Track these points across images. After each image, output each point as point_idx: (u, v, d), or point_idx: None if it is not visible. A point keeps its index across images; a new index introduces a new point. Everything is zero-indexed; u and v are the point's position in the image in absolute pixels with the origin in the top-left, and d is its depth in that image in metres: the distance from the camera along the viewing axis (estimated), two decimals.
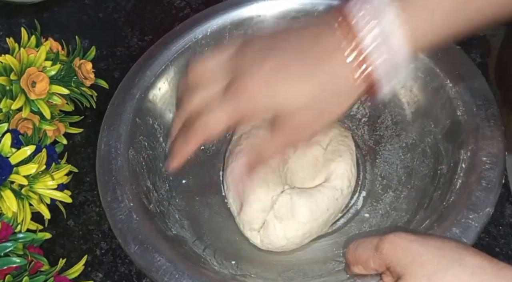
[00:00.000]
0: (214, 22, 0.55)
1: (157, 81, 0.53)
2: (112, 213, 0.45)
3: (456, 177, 0.44)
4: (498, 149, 0.43)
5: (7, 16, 0.69)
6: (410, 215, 0.47)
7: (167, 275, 0.41)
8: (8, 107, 0.50)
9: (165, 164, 0.48)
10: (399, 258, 0.35)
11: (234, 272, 0.45)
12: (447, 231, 0.40)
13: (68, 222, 0.52)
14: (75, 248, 0.51)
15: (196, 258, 0.45)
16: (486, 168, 0.43)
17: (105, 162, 0.48)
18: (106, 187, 0.46)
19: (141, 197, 0.47)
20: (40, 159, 0.46)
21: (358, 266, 0.39)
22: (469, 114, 0.46)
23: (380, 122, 0.55)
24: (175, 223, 0.48)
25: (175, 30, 0.55)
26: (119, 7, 0.69)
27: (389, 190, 0.51)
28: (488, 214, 0.41)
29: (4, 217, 0.44)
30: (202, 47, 0.55)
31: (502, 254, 0.47)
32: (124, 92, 0.52)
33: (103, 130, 0.50)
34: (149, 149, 0.51)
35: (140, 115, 0.51)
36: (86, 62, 0.56)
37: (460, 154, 0.45)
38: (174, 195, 0.51)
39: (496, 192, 0.42)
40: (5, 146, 0.46)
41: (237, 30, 0.56)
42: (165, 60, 0.54)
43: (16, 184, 0.45)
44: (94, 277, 0.49)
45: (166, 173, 0.52)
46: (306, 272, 0.47)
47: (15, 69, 0.51)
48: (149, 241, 0.43)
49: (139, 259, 0.43)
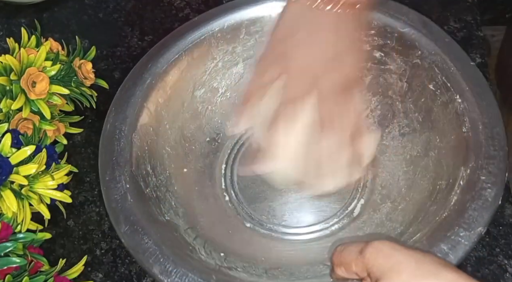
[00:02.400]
0: (232, 17, 0.56)
1: (169, 69, 0.54)
2: (108, 192, 0.46)
3: (453, 193, 0.43)
4: (498, 169, 0.42)
5: (7, 16, 0.70)
6: (404, 227, 0.47)
7: (152, 257, 0.42)
8: (8, 107, 0.50)
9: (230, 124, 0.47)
10: (379, 263, 0.35)
11: (220, 264, 0.46)
12: (435, 246, 0.40)
13: (68, 222, 0.53)
14: (75, 248, 0.51)
15: (185, 245, 0.46)
16: (483, 187, 0.42)
17: (108, 142, 0.49)
18: (106, 166, 0.47)
19: (139, 180, 0.48)
20: (40, 159, 0.47)
21: (341, 268, 0.39)
22: (474, 131, 0.45)
23: (388, 133, 0.55)
24: (170, 210, 0.49)
25: (192, 21, 0.56)
26: (119, 7, 0.70)
27: (387, 201, 0.51)
28: (479, 233, 0.40)
29: (4, 217, 0.45)
30: (217, 40, 0.56)
31: (502, 254, 0.46)
32: (135, 76, 0.53)
33: (110, 112, 0.51)
34: (154, 135, 0.52)
35: (148, 101, 0.52)
36: (86, 62, 0.56)
37: (460, 171, 0.44)
38: (173, 182, 0.52)
39: (491, 212, 0.41)
40: (5, 146, 0.46)
41: (254, 26, 0.56)
42: (179, 49, 0.54)
43: (16, 184, 0.46)
44: (94, 277, 0.49)
45: (168, 160, 0.53)
46: (293, 272, 0.47)
47: (15, 69, 0.51)
48: (140, 223, 0.44)
49: (128, 239, 0.43)
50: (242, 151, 0.57)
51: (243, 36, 0.56)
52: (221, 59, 0.57)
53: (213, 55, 0.56)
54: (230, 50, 0.57)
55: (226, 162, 0.56)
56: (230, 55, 0.57)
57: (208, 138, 0.57)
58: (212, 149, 0.56)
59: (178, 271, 0.41)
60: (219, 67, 0.57)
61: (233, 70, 0.58)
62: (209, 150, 0.56)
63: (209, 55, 0.56)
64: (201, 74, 0.56)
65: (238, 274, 0.45)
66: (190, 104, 0.56)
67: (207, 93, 0.57)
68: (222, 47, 0.56)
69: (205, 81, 0.57)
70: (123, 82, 0.53)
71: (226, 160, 0.56)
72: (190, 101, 0.56)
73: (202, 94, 0.57)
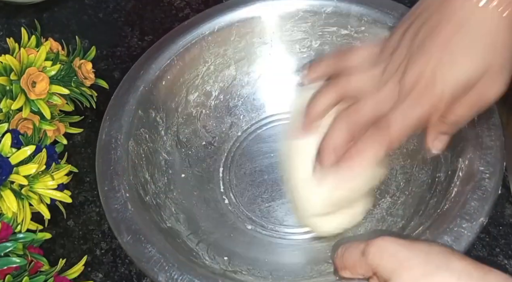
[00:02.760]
0: (222, 19, 0.56)
1: (161, 75, 0.54)
2: (107, 202, 0.45)
3: (452, 185, 0.44)
4: (496, 158, 0.43)
5: (7, 16, 0.70)
6: (405, 221, 0.47)
7: (157, 266, 0.42)
8: (8, 107, 0.50)
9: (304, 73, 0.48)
10: (386, 262, 0.35)
11: (225, 268, 0.45)
12: (439, 238, 0.40)
13: (68, 222, 0.53)
14: (75, 248, 0.51)
15: (188, 251, 0.46)
16: (482, 177, 0.42)
17: (105, 152, 0.48)
18: (104, 176, 0.47)
19: (138, 188, 0.48)
20: (40, 159, 0.47)
21: (346, 271, 0.39)
22: (470, 122, 0.45)
23: None
24: (171, 216, 0.49)
25: (182, 26, 0.56)
26: (119, 7, 0.69)
27: (386, 195, 0.51)
28: (481, 223, 0.40)
29: (4, 217, 0.45)
30: (208, 43, 0.56)
31: (502, 254, 0.46)
32: (128, 84, 0.53)
33: (105, 121, 0.51)
34: (150, 142, 0.52)
35: (142, 108, 0.52)
36: (86, 62, 0.56)
37: (458, 162, 0.45)
38: (172, 188, 0.52)
39: (491, 202, 0.41)
40: (5, 146, 0.46)
41: (244, 28, 0.56)
42: (171, 54, 0.54)
43: (16, 184, 0.46)
44: (94, 277, 0.49)
45: (165, 166, 0.53)
46: (297, 272, 0.47)
47: (15, 69, 0.51)
48: (142, 232, 0.44)
49: (131, 249, 0.43)
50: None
51: (234, 38, 0.56)
52: (213, 62, 0.57)
53: (205, 59, 0.56)
54: (221, 52, 0.57)
55: (223, 165, 0.56)
56: (222, 58, 0.57)
57: (204, 142, 0.57)
58: (209, 153, 0.56)
59: (184, 278, 0.41)
60: (211, 70, 0.57)
61: (226, 72, 0.58)
62: (205, 153, 0.56)
63: (201, 59, 0.56)
64: (193, 78, 0.56)
65: (244, 277, 0.45)
66: (184, 109, 0.56)
67: (201, 97, 0.57)
68: (213, 50, 0.56)
69: (198, 85, 0.57)
70: (116, 91, 0.53)
71: (224, 163, 0.56)
72: (184, 106, 0.56)
73: (196, 98, 0.57)
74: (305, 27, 0.57)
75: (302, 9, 0.56)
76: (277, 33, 0.57)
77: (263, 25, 0.57)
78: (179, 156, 0.54)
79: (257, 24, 0.56)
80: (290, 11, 0.56)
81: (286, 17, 0.56)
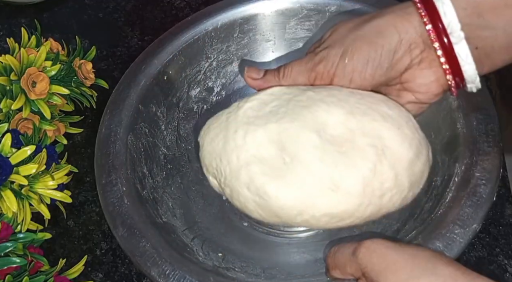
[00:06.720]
0: (225, 16, 0.56)
1: (163, 70, 0.54)
2: (104, 196, 0.46)
3: (448, 190, 0.43)
4: (493, 165, 0.42)
5: (7, 16, 0.70)
6: (400, 224, 0.47)
7: (150, 260, 0.42)
8: (8, 107, 0.50)
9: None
10: (374, 263, 0.35)
11: (218, 264, 0.46)
12: (431, 244, 0.40)
13: (68, 222, 0.53)
14: (75, 248, 0.52)
15: (183, 247, 0.46)
16: (478, 183, 0.42)
17: (104, 145, 0.49)
18: (102, 170, 0.47)
19: (135, 182, 0.48)
20: (40, 159, 0.47)
21: (336, 270, 0.39)
22: (468, 128, 0.45)
23: None
24: (167, 211, 0.49)
25: (186, 21, 0.56)
26: (119, 7, 0.69)
27: None
28: (474, 230, 0.40)
29: (4, 217, 0.45)
30: (211, 39, 0.56)
31: (502, 254, 0.46)
32: (130, 78, 0.53)
33: (105, 114, 0.51)
34: (150, 136, 0.52)
35: (143, 102, 0.52)
36: (86, 62, 0.56)
37: (455, 167, 0.44)
38: (170, 183, 0.52)
39: (486, 209, 0.41)
40: (5, 146, 0.46)
41: (248, 25, 0.56)
42: (173, 49, 0.54)
43: (16, 184, 0.46)
44: (94, 277, 0.50)
45: (164, 161, 0.53)
46: (291, 271, 0.47)
47: (15, 69, 0.51)
48: (137, 226, 0.44)
49: (125, 243, 0.43)
50: None
51: (237, 34, 0.56)
52: (215, 58, 0.57)
53: (208, 55, 0.56)
54: (224, 49, 0.57)
55: None
56: (225, 54, 0.57)
57: None
58: None
59: (176, 273, 0.41)
60: (214, 66, 0.57)
61: (228, 69, 0.58)
62: None
63: (203, 55, 0.56)
64: (195, 74, 0.56)
65: (236, 274, 0.45)
66: (185, 104, 0.56)
67: (202, 93, 0.57)
68: (216, 46, 0.56)
69: (200, 81, 0.57)
70: (117, 85, 0.53)
71: None
72: (185, 101, 0.56)
73: (197, 94, 0.57)
74: (308, 26, 0.56)
75: (306, 8, 0.55)
76: (280, 31, 0.57)
77: (267, 22, 0.56)
78: (179, 151, 0.55)
79: (261, 21, 0.56)
80: (294, 9, 0.56)
81: (290, 15, 0.56)
